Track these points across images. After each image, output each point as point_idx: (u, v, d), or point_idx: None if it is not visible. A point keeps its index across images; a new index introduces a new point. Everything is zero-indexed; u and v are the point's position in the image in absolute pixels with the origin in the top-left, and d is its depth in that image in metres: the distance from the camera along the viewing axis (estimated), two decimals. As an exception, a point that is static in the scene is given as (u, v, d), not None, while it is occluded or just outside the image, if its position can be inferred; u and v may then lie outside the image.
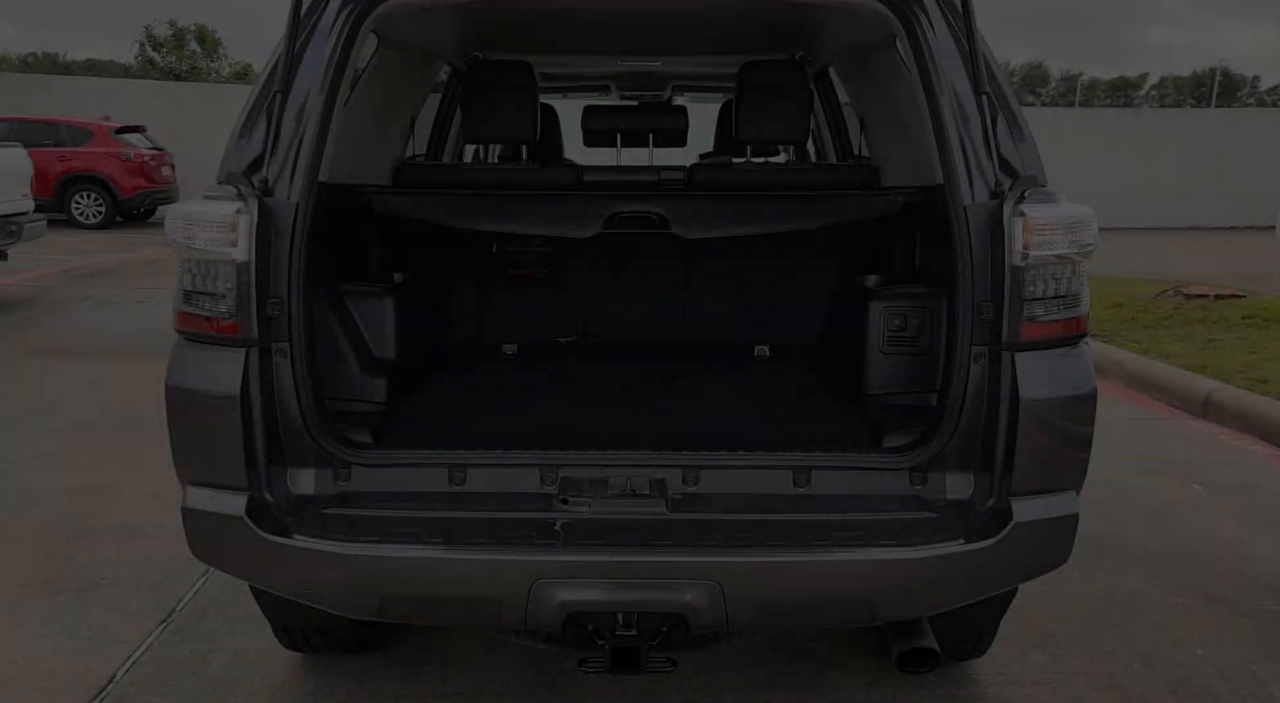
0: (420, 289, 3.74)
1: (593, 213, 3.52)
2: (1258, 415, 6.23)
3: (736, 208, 3.52)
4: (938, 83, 2.56)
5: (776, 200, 3.52)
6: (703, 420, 3.02)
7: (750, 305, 4.09)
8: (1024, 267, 2.39)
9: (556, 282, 4.07)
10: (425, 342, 3.61)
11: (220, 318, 2.44)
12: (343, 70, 2.59)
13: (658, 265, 4.10)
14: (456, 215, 3.49)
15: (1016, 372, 2.40)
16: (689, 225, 3.51)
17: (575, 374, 3.64)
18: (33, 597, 3.82)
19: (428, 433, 2.87)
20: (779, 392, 3.39)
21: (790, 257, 4.01)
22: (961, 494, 2.57)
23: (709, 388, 3.45)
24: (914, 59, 2.64)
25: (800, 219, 3.50)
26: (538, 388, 3.41)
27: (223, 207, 2.40)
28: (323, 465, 2.59)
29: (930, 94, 2.57)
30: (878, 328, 3.20)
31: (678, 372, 3.72)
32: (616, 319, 4.15)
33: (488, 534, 2.39)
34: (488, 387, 3.42)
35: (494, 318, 4.11)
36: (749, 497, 2.59)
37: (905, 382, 3.16)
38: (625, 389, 3.42)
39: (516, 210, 3.52)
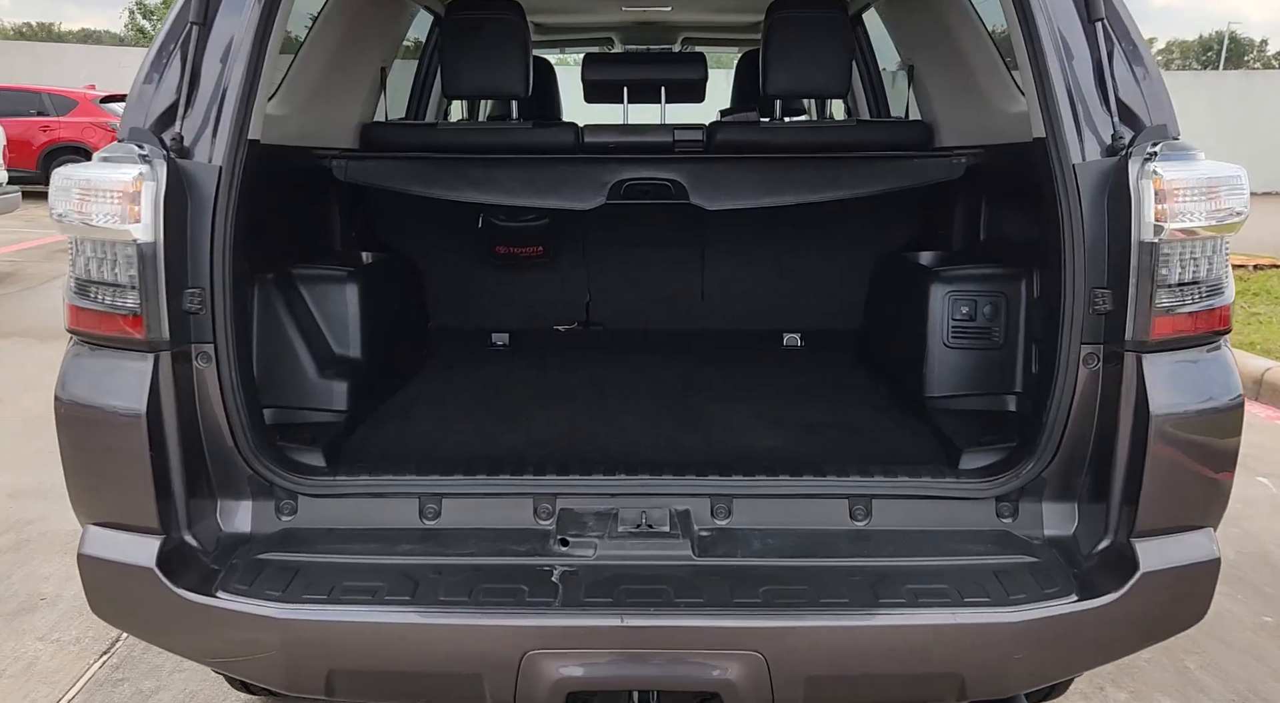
0: (392, 272, 3.20)
1: (596, 180, 2.97)
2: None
3: (767, 174, 2.97)
4: (1036, 9, 2.00)
5: (813, 165, 2.96)
6: (731, 431, 2.50)
7: (778, 288, 3.54)
8: (1156, 243, 1.84)
9: (554, 261, 3.53)
10: (397, 335, 3.07)
11: (121, 315, 1.91)
12: (276, 2, 2.04)
13: (672, 241, 3.54)
14: (435, 184, 2.94)
15: (1144, 378, 1.87)
16: (711, 194, 2.96)
17: (576, 372, 3.12)
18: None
19: (395, 452, 2.35)
20: (819, 392, 2.86)
21: (828, 231, 3.46)
22: (1062, 531, 2.05)
23: (735, 388, 2.92)
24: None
25: (843, 186, 2.95)
26: (532, 390, 2.88)
27: (121, 171, 1.87)
28: (261, 496, 2.08)
29: (1027, 24, 2.01)
30: (940, 316, 2.66)
31: (697, 368, 3.19)
32: (624, 304, 3.60)
33: (466, 589, 1.87)
34: (472, 389, 2.89)
35: (481, 304, 3.57)
36: (795, 535, 2.08)
37: (976, 382, 2.63)
38: (636, 391, 2.89)
39: (505, 178, 2.97)
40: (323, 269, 2.73)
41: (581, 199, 2.98)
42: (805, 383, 2.97)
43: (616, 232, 3.51)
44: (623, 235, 3.52)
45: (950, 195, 3.13)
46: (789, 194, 2.96)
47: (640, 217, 3.48)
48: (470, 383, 2.96)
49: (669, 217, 3.48)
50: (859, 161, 2.96)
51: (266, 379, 2.46)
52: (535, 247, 3.41)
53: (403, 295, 3.21)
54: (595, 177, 2.98)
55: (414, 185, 2.94)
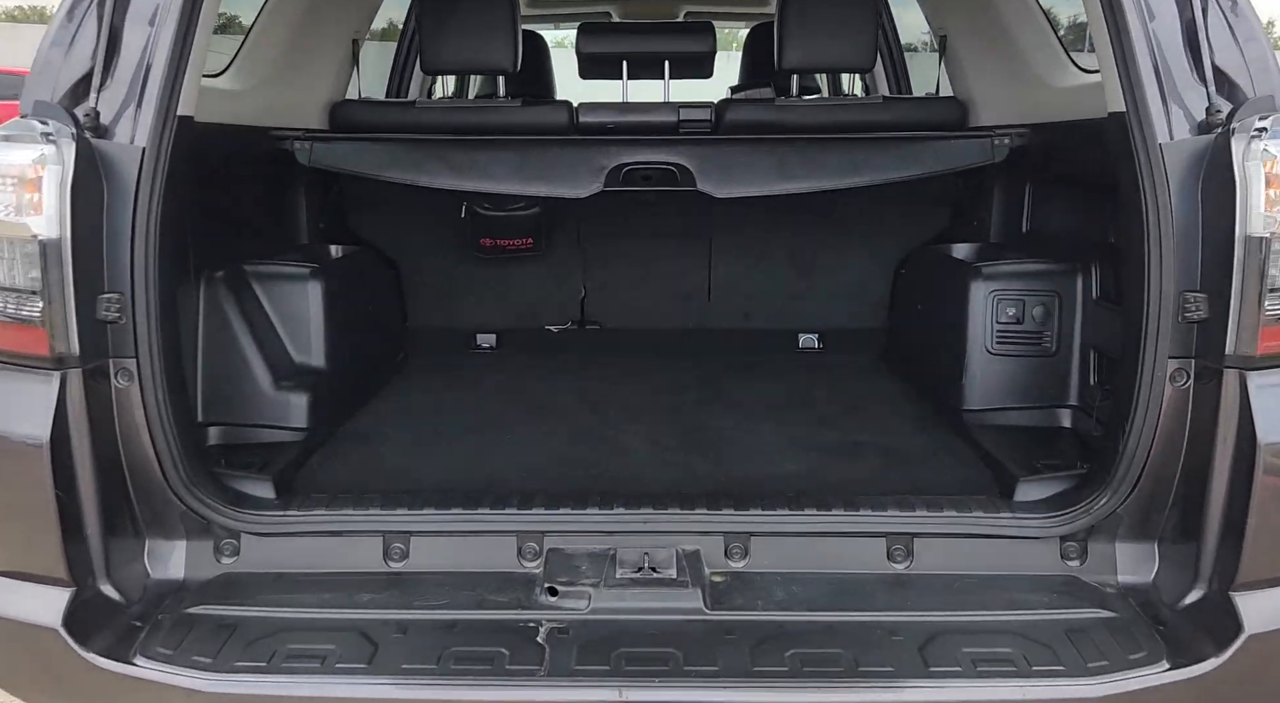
0: (364, 267, 2.88)
1: (592, 164, 2.65)
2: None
3: (783, 158, 2.64)
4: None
5: (838, 147, 2.64)
6: (747, 454, 2.19)
7: (795, 283, 3.22)
8: (1266, 238, 1.53)
9: (546, 254, 3.20)
10: (369, 339, 2.75)
11: (20, 325, 1.59)
12: None
13: (677, 233, 3.22)
14: (411, 169, 2.62)
15: (1249, 399, 1.56)
16: (720, 180, 2.63)
17: (569, 380, 2.80)
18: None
19: (358, 480, 2.03)
20: (845, 405, 2.55)
21: (848, 220, 3.14)
22: (1139, 577, 1.75)
23: (749, 400, 2.61)
24: None
25: (869, 171, 2.62)
26: (518, 403, 2.57)
27: (16, 152, 1.55)
28: (197, 536, 1.78)
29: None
30: (983, 318, 2.36)
31: (705, 375, 2.87)
32: (623, 302, 3.29)
33: (435, 653, 1.57)
34: (450, 402, 2.58)
35: (465, 302, 3.25)
36: (825, 581, 1.78)
37: (1024, 393, 2.32)
38: (637, 404, 2.58)
39: (490, 162, 2.64)
40: (281, 265, 2.41)
41: (576, 186, 2.66)
42: (828, 393, 2.66)
43: (615, 222, 3.19)
44: (622, 226, 3.20)
45: (988, 181, 2.80)
46: (808, 180, 2.63)
47: (641, 205, 3.16)
48: (449, 394, 2.65)
49: (673, 205, 3.16)
50: (888, 144, 2.64)
51: (213, 393, 2.15)
52: (524, 238, 3.08)
53: (376, 293, 2.89)
54: (591, 161, 2.66)
55: (387, 170, 2.61)
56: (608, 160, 2.66)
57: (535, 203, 3.04)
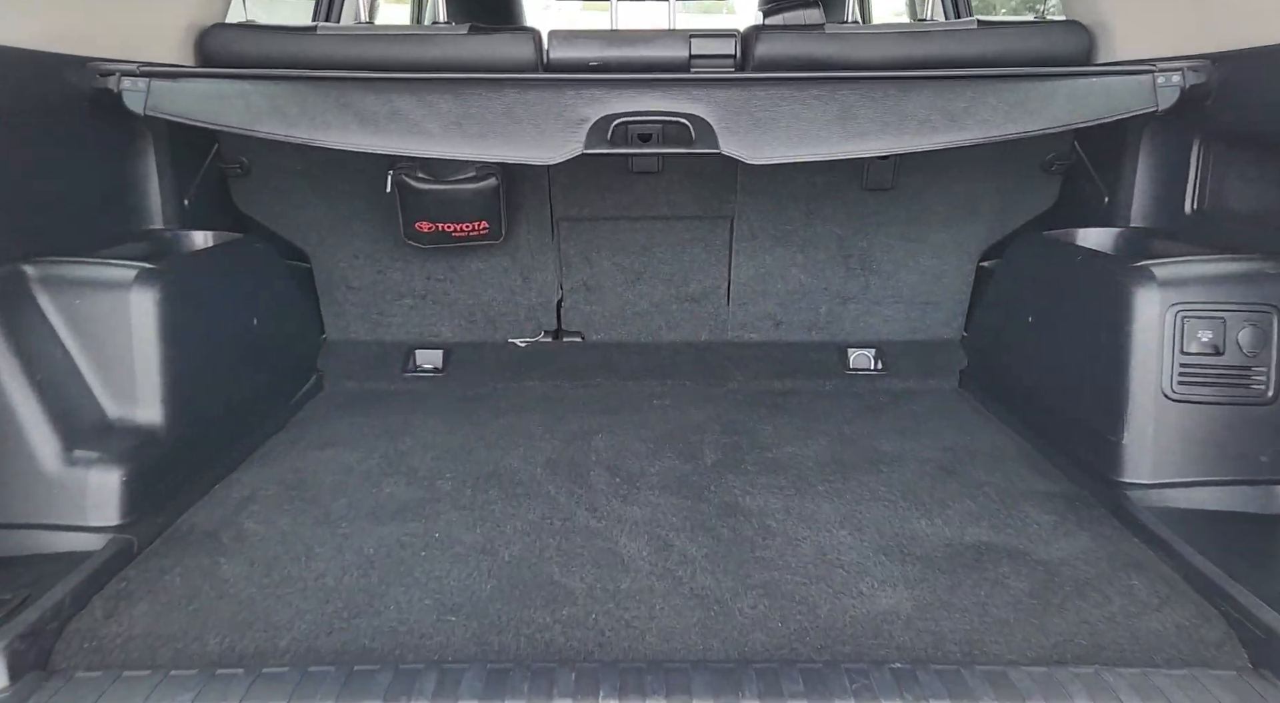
0: (249, 263, 2.06)
1: (568, 116, 1.83)
2: None
3: (846, 106, 1.83)
4: None
5: (926, 90, 1.83)
6: (805, 568, 1.39)
7: (844, 282, 2.42)
8: None
9: (507, 242, 2.39)
10: (250, 368, 1.92)
11: None
12: None
13: (686, 213, 2.41)
14: (296, 120, 1.79)
15: None
16: (754, 140, 1.82)
17: (541, 421, 2.00)
18: None
19: (170, 634, 1.22)
20: (933, 464, 1.76)
21: (920, 194, 2.34)
22: None
23: (794, 455, 1.81)
24: None
25: (974, 126, 1.82)
26: (462, 463, 1.77)
27: None
28: None
29: None
30: (1158, 345, 1.56)
31: (725, 411, 2.08)
32: (615, 306, 2.48)
33: None
34: (362, 464, 1.77)
35: (401, 307, 2.43)
36: None
37: (1223, 462, 1.53)
38: (636, 463, 1.78)
39: (422, 112, 1.82)
40: (90, 265, 1.59)
41: (545, 146, 1.84)
42: (905, 446, 1.86)
43: (602, 198, 2.38)
44: (612, 204, 2.39)
45: (1131, 138, 2.00)
46: (882, 138, 1.82)
47: (639, 175, 2.34)
48: (361, 452, 1.84)
49: (682, 175, 2.35)
50: (999, 86, 1.82)
51: None
52: (477, 221, 2.26)
53: (269, 299, 2.07)
54: (567, 111, 1.84)
55: (263, 122, 1.78)
56: (590, 109, 1.84)
57: (490, 171, 2.22)
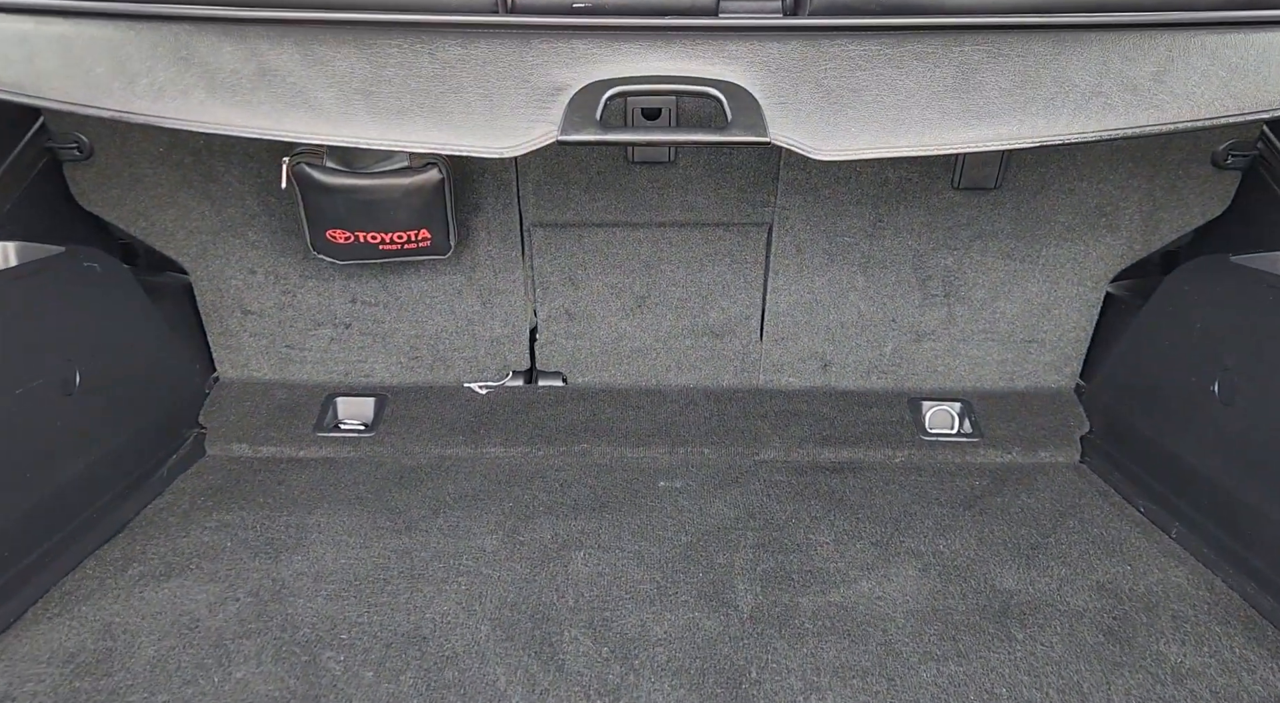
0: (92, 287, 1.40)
1: (542, 80, 1.18)
2: None
3: (965, 66, 1.19)
4: None
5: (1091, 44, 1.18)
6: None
7: (921, 311, 1.78)
8: None
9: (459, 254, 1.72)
10: (63, 449, 1.27)
11: None
12: None
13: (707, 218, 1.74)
14: (127, 85, 1.14)
15: None
16: (825, 122, 1.18)
17: (499, 521, 1.38)
18: None
19: None
20: (1078, 606, 1.14)
21: (1026, 196, 1.68)
22: None
23: (865, 588, 1.20)
24: None
25: (1167, 99, 1.17)
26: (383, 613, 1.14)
27: None
28: None
29: None
30: None
31: (760, 504, 1.45)
32: (603, 339, 1.83)
33: None
34: (206, 625, 1.13)
35: (318, 339, 1.78)
36: None
37: None
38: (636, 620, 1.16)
39: (316, 73, 1.17)
40: None
41: (501, 130, 1.19)
42: (1037, 579, 1.24)
43: (589, 200, 1.72)
44: (603, 208, 1.73)
45: None
46: (1024, 119, 1.18)
47: (640, 168, 1.68)
48: (223, 586, 1.20)
49: (702, 167, 1.69)
50: (1217, 35, 1.18)
51: None
52: (414, 229, 1.60)
53: (116, 336, 1.43)
54: (536, 74, 1.19)
55: (52, 87, 1.13)
56: (571, 74, 1.19)
57: (432, 160, 1.55)
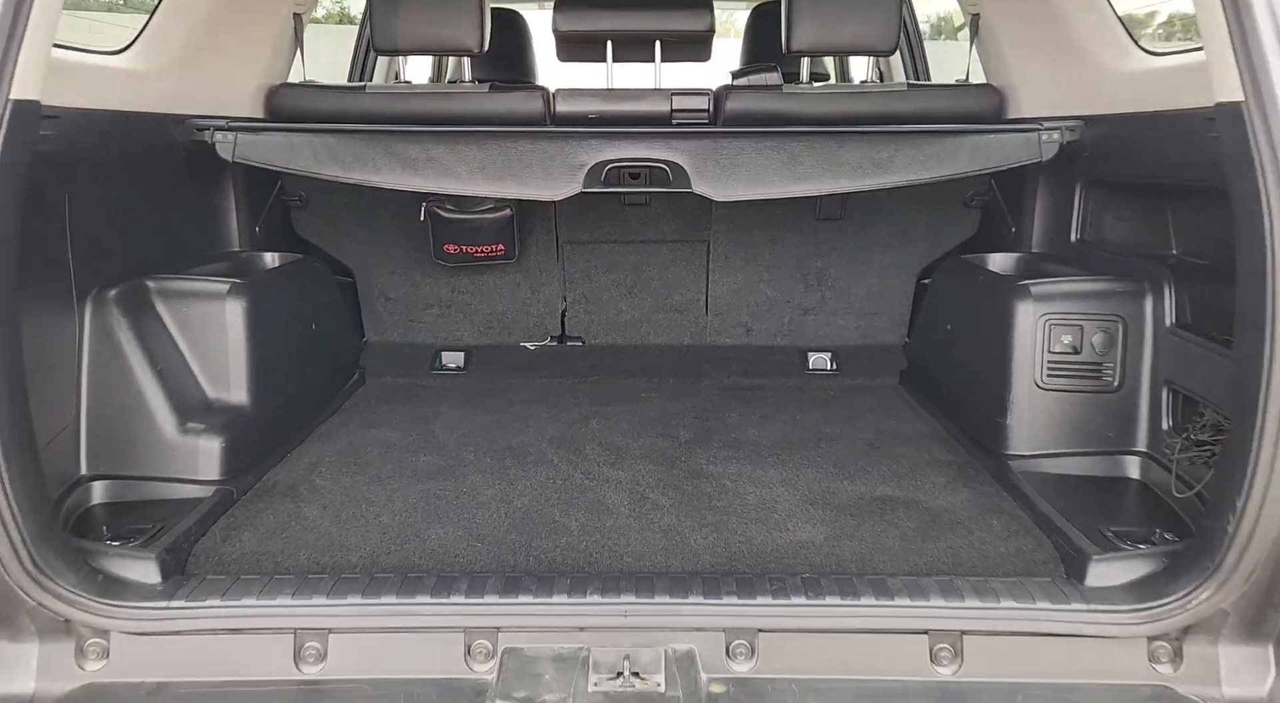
0: (307, 278, 2.50)
1: (569, 161, 2.27)
2: None
3: (793, 154, 2.26)
4: None
5: (857, 142, 2.26)
6: (753, 514, 1.81)
7: (804, 296, 2.85)
8: None
9: (520, 262, 2.82)
10: (311, 363, 2.36)
11: None
12: None
13: (670, 238, 2.84)
14: (351, 165, 2.23)
15: None
16: (720, 181, 2.26)
17: (546, 409, 2.42)
18: None
19: (268, 555, 1.65)
20: (867, 444, 2.17)
21: (864, 225, 2.76)
22: (1251, 691, 1.38)
23: (753, 435, 2.23)
24: None
25: (895, 170, 2.25)
26: (482, 440, 2.18)
27: None
28: (53, 637, 1.40)
29: None
30: (1032, 346, 1.98)
31: (701, 401, 2.50)
32: (609, 316, 2.91)
33: None
34: (402, 440, 2.19)
35: (429, 315, 2.86)
36: (852, 689, 1.41)
37: (1080, 437, 1.95)
38: (623, 440, 2.20)
39: (446, 158, 2.26)
40: (193, 280, 2.02)
41: (549, 186, 2.27)
42: (844, 428, 2.28)
43: (599, 225, 2.81)
44: (607, 230, 2.82)
45: (1030, 181, 2.43)
46: (823, 181, 2.25)
47: (630, 206, 2.77)
48: (401, 429, 2.26)
49: (666, 206, 2.78)
50: (915, 139, 2.26)
51: (101, 439, 1.77)
52: (494, 244, 2.70)
53: (324, 308, 2.51)
54: (569, 156, 2.27)
55: (326, 167, 2.23)
56: (588, 156, 2.28)
57: (506, 204, 2.65)
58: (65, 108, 1.64)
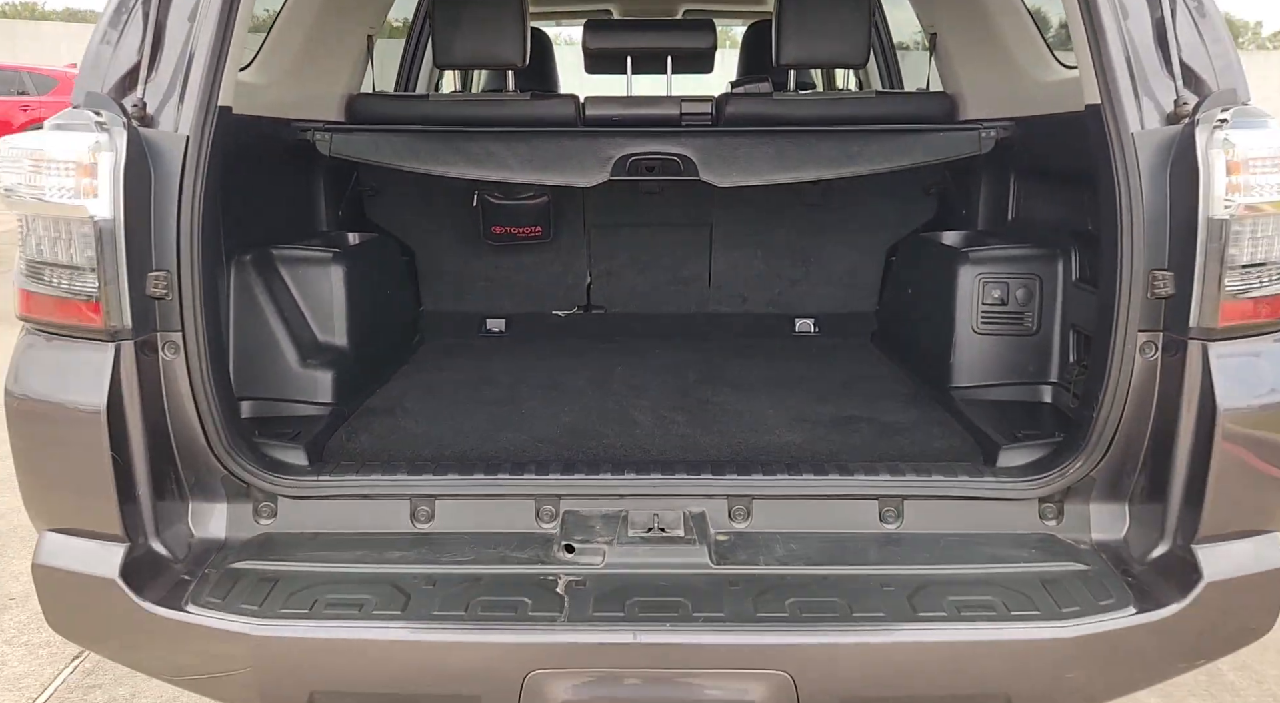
0: (383, 252, 3.02)
1: (598, 155, 2.78)
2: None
3: (780, 149, 2.78)
4: None
5: (832, 139, 2.78)
6: (748, 426, 2.32)
7: (790, 270, 3.36)
8: (1226, 219, 1.67)
9: (553, 242, 3.34)
10: (389, 319, 2.88)
11: (78, 300, 1.72)
12: None
13: (679, 221, 3.36)
14: (426, 159, 2.75)
15: (1210, 369, 1.70)
16: (721, 170, 2.77)
17: (578, 361, 2.93)
18: (-80, 627, 3.15)
19: (384, 448, 2.16)
20: (837, 382, 2.69)
21: (843, 210, 3.28)
22: (1112, 534, 1.89)
23: (749, 379, 2.74)
24: None
25: (862, 162, 2.76)
26: (531, 381, 2.70)
27: (74, 139, 1.67)
28: (237, 498, 1.90)
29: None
30: (969, 300, 2.49)
31: (707, 356, 3.01)
32: (628, 288, 3.42)
33: (463, 602, 1.70)
34: (466, 380, 2.71)
35: (476, 288, 3.38)
36: (821, 539, 1.91)
37: (1007, 370, 2.46)
38: (643, 382, 2.71)
39: (503, 152, 2.77)
40: (306, 250, 2.53)
41: (583, 175, 2.78)
42: (822, 372, 2.80)
43: (620, 211, 3.32)
44: (627, 215, 3.33)
45: (975, 172, 2.94)
46: (804, 170, 2.77)
47: (645, 195, 3.29)
48: (464, 373, 2.78)
49: (676, 194, 3.29)
50: (880, 136, 2.78)
51: (244, 370, 2.28)
52: (534, 227, 3.21)
53: (392, 279, 3.02)
54: (598, 151, 2.79)
55: (404, 160, 2.74)
56: (614, 151, 2.79)
57: (544, 192, 3.17)
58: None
